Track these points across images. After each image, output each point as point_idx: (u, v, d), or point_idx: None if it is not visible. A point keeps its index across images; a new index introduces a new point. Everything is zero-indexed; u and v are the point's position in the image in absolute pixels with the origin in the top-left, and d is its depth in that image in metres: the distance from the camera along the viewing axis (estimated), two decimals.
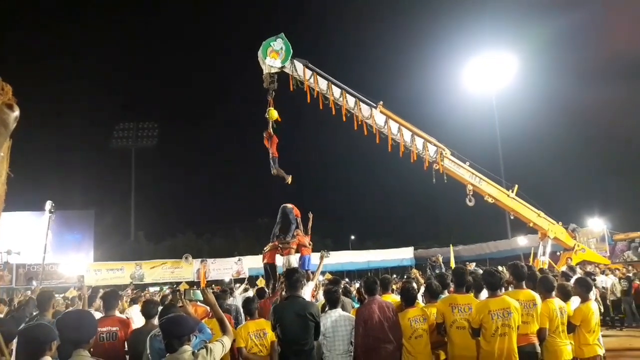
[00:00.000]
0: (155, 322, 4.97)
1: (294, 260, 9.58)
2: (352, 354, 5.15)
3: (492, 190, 14.98)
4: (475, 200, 14.71)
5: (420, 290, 6.56)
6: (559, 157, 43.95)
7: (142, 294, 17.12)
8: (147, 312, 5.30)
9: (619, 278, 14.89)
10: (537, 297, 5.11)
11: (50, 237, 12.71)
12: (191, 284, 24.98)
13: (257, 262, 23.45)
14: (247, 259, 30.42)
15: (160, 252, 36.95)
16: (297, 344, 4.80)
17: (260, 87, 13.21)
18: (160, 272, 29.58)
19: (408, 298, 5.51)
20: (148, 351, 4.25)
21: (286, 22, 68.65)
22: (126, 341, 5.11)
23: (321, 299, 6.79)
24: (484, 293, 5.60)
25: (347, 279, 21.14)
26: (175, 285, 24.25)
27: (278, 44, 13.43)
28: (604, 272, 15.10)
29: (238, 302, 8.18)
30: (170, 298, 8.66)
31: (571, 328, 5.34)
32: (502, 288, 5.31)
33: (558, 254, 17.32)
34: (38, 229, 21.84)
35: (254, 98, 19.70)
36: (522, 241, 25.10)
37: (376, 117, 14.00)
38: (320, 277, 11.01)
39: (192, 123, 70.60)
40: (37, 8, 65.81)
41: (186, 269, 29.55)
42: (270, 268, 9.71)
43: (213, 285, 22.01)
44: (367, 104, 14.08)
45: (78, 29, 73.41)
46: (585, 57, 40.42)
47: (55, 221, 14.41)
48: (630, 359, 10.37)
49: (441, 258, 15.10)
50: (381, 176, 54.30)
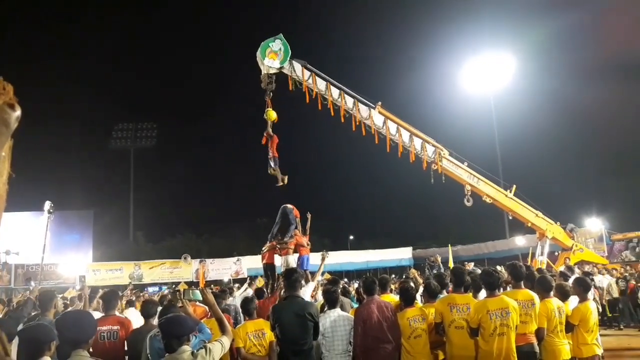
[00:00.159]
0: (155, 322, 4.97)
1: (292, 260, 9.58)
2: (351, 353, 5.17)
3: (490, 191, 14.99)
4: (473, 200, 14.72)
5: (419, 290, 6.57)
6: (557, 157, 43.96)
7: (141, 294, 17.14)
8: (146, 311, 5.31)
9: (617, 278, 14.91)
10: (535, 297, 5.13)
11: (49, 238, 12.68)
12: (190, 284, 24.94)
13: (256, 262, 23.44)
14: (246, 259, 30.40)
15: (159, 252, 36.86)
16: (296, 344, 4.81)
17: (259, 88, 13.22)
18: (159, 272, 29.56)
19: (407, 298, 5.52)
20: (147, 351, 4.25)
21: (285, 23, 68.59)
22: (126, 341, 5.12)
23: (320, 299, 6.80)
24: (483, 293, 5.61)
25: (345, 279, 21.14)
26: (174, 286, 24.25)
27: (277, 44, 13.42)
28: (600, 272, 15.13)
29: (237, 302, 8.17)
30: (169, 298, 8.66)
31: (569, 328, 5.36)
32: (501, 288, 5.32)
33: (556, 253, 17.36)
34: (37, 229, 21.75)
35: (253, 98, 19.74)
36: (520, 241, 25.08)
37: (375, 117, 13.99)
38: (319, 277, 10.99)
39: (191, 123, 70.30)
40: (35, 8, 65.67)
41: (185, 269, 29.53)
42: (269, 268, 9.71)
43: (212, 285, 22.02)
44: (366, 105, 14.08)
45: (76, 29, 73.25)
46: (583, 57, 40.44)
47: (54, 221, 14.37)
48: (629, 358, 10.40)
49: (440, 258, 15.10)
50: (380, 176, 54.25)
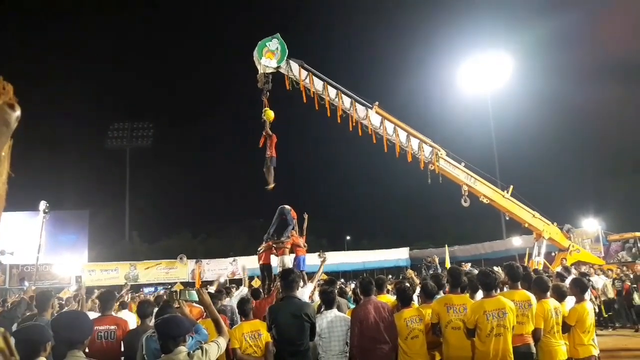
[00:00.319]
0: (151, 322, 4.95)
1: (288, 260, 9.55)
2: (348, 354, 5.15)
3: (487, 191, 15.01)
4: (470, 200, 14.73)
5: (416, 291, 6.56)
6: (554, 157, 44.12)
7: (136, 295, 17.06)
8: (142, 312, 5.29)
9: (613, 279, 14.93)
10: (532, 297, 5.13)
11: (44, 238, 12.64)
12: (186, 284, 24.89)
13: (252, 262, 23.40)
14: (242, 260, 30.34)
15: (154, 253, 36.74)
16: (293, 345, 4.79)
17: (256, 87, 13.19)
18: (155, 273, 29.49)
19: (404, 298, 5.52)
20: (144, 351, 4.23)
21: (283, 23, 68.59)
22: (122, 341, 5.09)
23: (317, 299, 6.79)
24: (480, 293, 5.61)
25: (342, 280, 21.12)
26: (170, 286, 24.18)
27: (274, 44, 13.39)
28: (596, 273, 15.15)
29: (234, 302, 8.13)
30: (165, 298, 8.62)
31: (566, 328, 5.36)
32: (498, 288, 5.32)
33: (553, 254, 17.38)
34: (32, 229, 21.66)
35: (249, 98, 19.67)
36: (517, 242, 25.10)
37: (372, 117, 13.99)
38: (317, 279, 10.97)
39: (187, 123, 70.40)
40: (30, 7, 65.43)
41: (181, 270, 29.47)
42: (265, 269, 9.68)
43: (208, 286, 21.94)
44: (363, 105, 14.07)
45: (71, 28, 73.09)
46: (581, 57, 40.62)
47: (49, 221, 14.34)
48: (625, 359, 10.42)
49: (437, 259, 15.10)
50: (377, 176, 54.33)
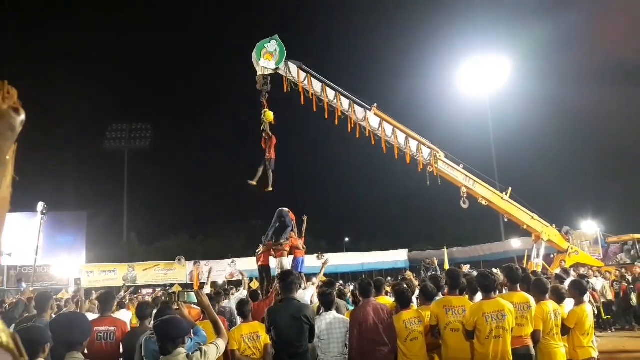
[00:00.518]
0: (150, 323, 4.94)
1: (287, 262, 9.57)
2: (347, 356, 5.14)
3: (486, 193, 15.01)
4: (469, 202, 14.74)
5: (415, 293, 6.55)
6: (553, 159, 44.19)
7: (134, 296, 17.04)
8: (141, 313, 5.27)
9: (612, 281, 14.93)
10: (531, 299, 5.12)
11: (42, 239, 12.60)
12: (185, 286, 24.86)
13: (250, 264, 23.36)
14: (240, 261, 30.33)
15: (153, 254, 36.72)
16: (292, 347, 4.78)
17: (254, 89, 13.19)
18: (153, 274, 29.47)
19: (402, 300, 5.51)
20: (142, 353, 4.21)
21: (283, 23, 68.60)
22: (121, 342, 5.08)
23: (315, 301, 6.78)
24: (479, 295, 5.61)
25: (341, 281, 21.10)
26: (168, 288, 24.15)
27: (272, 45, 13.40)
28: (594, 275, 15.15)
29: (233, 304, 8.12)
30: (162, 299, 8.60)
31: (565, 331, 5.36)
32: (497, 290, 5.31)
33: (552, 256, 17.40)
34: (30, 230, 21.62)
35: (248, 99, 19.66)
36: (515, 243, 25.13)
37: (370, 119, 13.98)
38: (315, 280, 10.97)
39: (186, 124, 70.43)
40: (29, 8, 65.36)
41: (179, 271, 29.45)
42: (264, 270, 9.70)
43: (205, 286, 21.87)
44: (362, 106, 14.06)
45: (70, 29, 73.04)
46: (579, 60, 40.71)
47: (47, 223, 14.30)
48: None
49: (437, 261, 15.08)
50: (376, 178, 54.36)
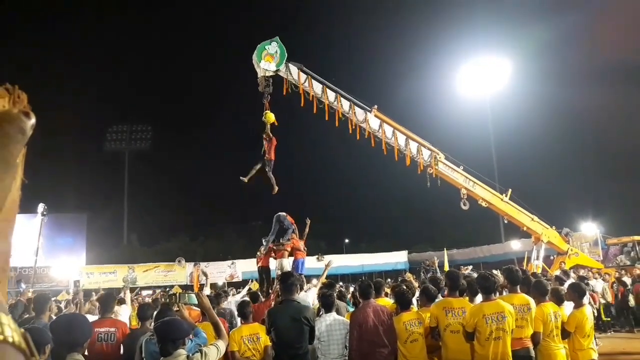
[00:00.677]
0: (150, 325, 4.94)
1: (287, 263, 9.55)
2: (347, 358, 5.15)
3: (486, 194, 15.01)
4: (469, 204, 14.74)
5: (415, 294, 6.56)
6: (553, 161, 44.18)
7: (135, 297, 17.01)
8: (142, 314, 5.27)
9: (612, 282, 14.92)
10: (531, 301, 5.13)
11: (42, 240, 12.62)
12: (185, 287, 24.85)
13: (250, 265, 23.38)
14: (240, 263, 30.35)
15: (153, 256, 36.72)
16: (292, 348, 4.78)
17: (254, 91, 13.18)
18: (153, 276, 29.50)
19: (402, 302, 5.51)
20: (142, 354, 4.22)
21: (283, 23, 68.59)
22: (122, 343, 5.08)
23: (316, 302, 6.78)
24: (479, 297, 5.61)
25: (341, 283, 21.08)
26: (167, 289, 24.14)
27: (273, 47, 13.40)
28: (594, 277, 15.14)
29: (232, 306, 8.11)
30: (163, 300, 8.59)
31: (565, 334, 5.36)
32: (497, 292, 5.32)
33: (552, 258, 17.39)
34: (30, 231, 21.61)
35: (248, 101, 19.69)
36: (515, 245, 25.10)
37: (370, 121, 13.99)
38: (314, 281, 10.97)
39: (186, 126, 70.34)
40: (30, 9, 65.38)
41: (179, 272, 29.45)
42: (264, 272, 9.69)
43: (204, 287, 21.85)
44: (362, 108, 14.06)
45: (71, 30, 73.07)
46: (579, 61, 40.80)
47: (47, 224, 14.32)
48: None
49: (437, 262, 15.09)
50: (376, 179, 54.16)
